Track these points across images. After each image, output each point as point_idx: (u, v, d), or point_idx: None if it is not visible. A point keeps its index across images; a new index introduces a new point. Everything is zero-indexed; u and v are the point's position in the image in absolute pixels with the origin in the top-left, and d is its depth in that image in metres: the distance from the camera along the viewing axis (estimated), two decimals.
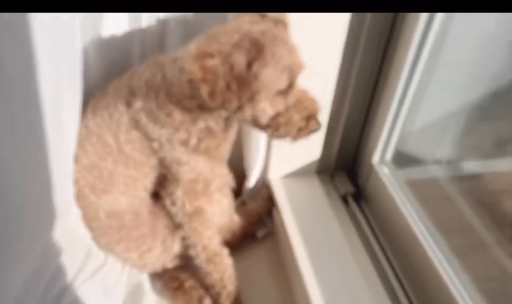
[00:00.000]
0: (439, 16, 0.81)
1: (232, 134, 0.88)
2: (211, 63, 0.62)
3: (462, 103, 1.03)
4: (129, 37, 0.89)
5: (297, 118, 0.74)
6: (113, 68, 0.89)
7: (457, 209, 0.98)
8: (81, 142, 0.82)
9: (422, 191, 0.97)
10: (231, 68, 0.62)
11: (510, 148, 1.07)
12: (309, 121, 0.75)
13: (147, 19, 0.88)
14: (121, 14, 0.84)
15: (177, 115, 0.77)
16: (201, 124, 0.78)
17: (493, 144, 1.10)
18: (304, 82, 0.90)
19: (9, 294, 0.61)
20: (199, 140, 0.80)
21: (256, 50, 0.64)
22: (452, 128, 1.08)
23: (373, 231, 0.99)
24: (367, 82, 0.97)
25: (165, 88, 0.76)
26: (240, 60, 0.63)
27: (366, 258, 0.92)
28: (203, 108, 0.75)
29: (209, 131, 0.80)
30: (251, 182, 1.09)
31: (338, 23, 0.85)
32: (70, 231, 0.80)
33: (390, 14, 0.87)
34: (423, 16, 0.81)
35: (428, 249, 0.81)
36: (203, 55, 0.63)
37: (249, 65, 0.63)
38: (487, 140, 1.09)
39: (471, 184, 1.09)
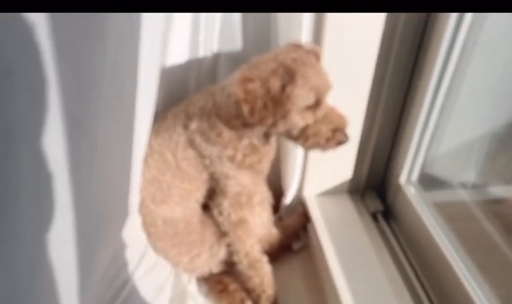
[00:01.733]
0: (460, 42, 0.89)
1: (271, 151, 0.99)
2: (251, 86, 0.75)
3: (486, 130, 1.08)
4: (186, 69, 1.03)
5: (324, 129, 0.83)
6: (172, 97, 1.04)
7: (483, 230, 1.01)
8: (145, 159, 0.95)
9: (449, 212, 1.02)
10: (268, 90, 0.76)
11: None
12: (336, 133, 0.84)
13: (203, 52, 1.02)
14: (181, 47, 0.99)
15: (226, 134, 0.89)
16: (245, 141, 0.91)
17: None
18: (337, 105, 1.01)
19: (94, 274, 0.73)
20: (244, 156, 0.92)
21: (289, 75, 0.77)
22: (476, 153, 1.13)
23: (401, 247, 1.05)
24: (394, 106, 1.05)
25: (216, 111, 0.89)
26: (275, 84, 0.76)
27: (395, 271, 0.98)
28: (246, 126, 0.87)
29: (252, 147, 0.92)
30: (288, 199, 1.19)
31: (367, 50, 0.95)
32: (134, 233, 0.92)
33: (417, 41, 0.95)
34: (445, 43, 0.89)
35: (454, 266, 0.86)
36: (245, 80, 0.76)
37: (283, 88, 0.76)
38: (510, 166, 1.13)
39: (496, 208, 1.11)
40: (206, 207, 1.06)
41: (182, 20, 0.95)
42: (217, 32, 1.02)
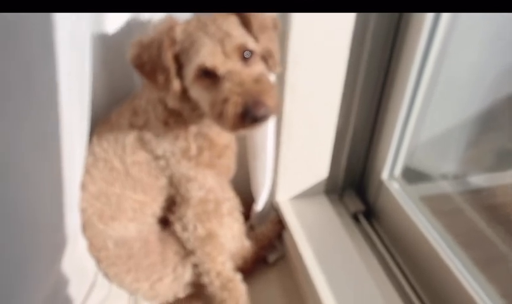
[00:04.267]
0: (440, 32, 0.83)
1: (231, 144, 0.89)
2: (135, 51, 0.71)
3: (463, 117, 1.05)
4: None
5: (234, 100, 0.66)
6: (116, 95, 0.89)
7: (472, 222, 0.98)
8: (88, 170, 0.81)
9: (436, 206, 0.97)
10: (149, 55, 0.71)
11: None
12: (248, 107, 0.66)
13: None
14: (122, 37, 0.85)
15: (172, 122, 0.79)
16: (193, 128, 0.81)
17: (495, 156, 1.11)
18: (308, 99, 0.92)
19: None
20: (200, 149, 0.81)
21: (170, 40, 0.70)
22: (454, 142, 1.10)
23: (386, 247, 0.98)
24: (371, 98, 0.98)
25: (160, 99, 0.78)
26: (154, 48, 0.70)
27: (382, 274, 0.92)
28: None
29: (204, 137, 0.81)
30: (259, 205, 1.08)
31: (341, 38, 0.87)
32: (76, 261, 0.77)
33: (392, 28, 0.89)
34: (425, 31, 0.83)
35: (446, 260, 0.81)
36: (132, 45, 0.72)
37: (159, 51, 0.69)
38: (490, 153, 1.10)
39: (480, 197, 1.09)
40: (165, 222, 0.92)
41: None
42: None
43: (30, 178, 0.56)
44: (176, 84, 0.69)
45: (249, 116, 0.64)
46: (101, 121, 0.85)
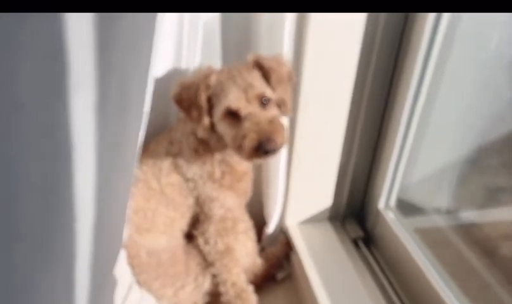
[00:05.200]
0: (428, 77, 0.95)
1: (249, 172, 1.04)
2: (177, 91, 0.89)
3: (453, 157, 1.14)
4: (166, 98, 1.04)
5: (251, 137, 0.81)
6: (154, 129, 1.02)
7: (461, 254, 1.05)
8: None
9: (429, 237, 1.05)
10: (188, 94, 0.87)
11: (501, 197, 1.16)
12: (262, 141, 0.81)
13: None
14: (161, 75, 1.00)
15: (201, 150, 0.95)
16: (218, 156, 0.96)
17: (485, 193, 1.17)
18: (316, 137, 1.06)
19: None
20: (223, 173, 0.96)
21: (204, 84, 0.86)
22: (446, 180, 1.18)
23: (383, 271, 1.07)
24: (371, 134, 1.11)
25: (192, 131, 0.94)
26: (192, 90, 0.86)
27: (378, 294, 1.00)
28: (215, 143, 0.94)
29: (227, 164, 0.96)
30: (271, 228, 1.20)
31: (343, 88, 1.01)
32: (120, 266, 0.90)
33: (391, 67, 1.02)
34: (414, 81, 0.96)
35: (437, 288, 0.88)
36: (175, 86, 0.89)
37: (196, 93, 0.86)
38: (480, 191, 1.17)
39: (470, 232, 1.14)
40: (190, 237, 1.05)
41: (164, 43, 0.96)
42: (198, 58, 1.04)
43: (117, 193, 0.68)
44: (206, 120, 0.86)
45: (262, 149, 0.81)
46: (142, 149, 0.99)
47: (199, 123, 0.87)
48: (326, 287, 1.00)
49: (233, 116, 0.84)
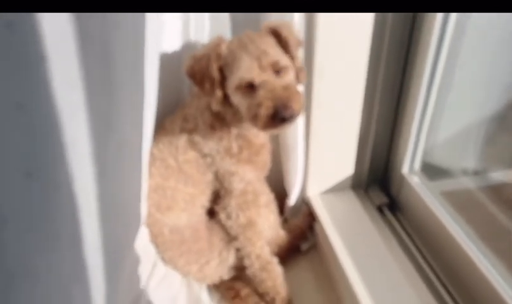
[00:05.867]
0: (449, 33, 0.91)
1: (266, 144, 1.01)
2: (189, 63, 0.86)
3: (480, 115, 1.10)
4: (179, 72, 1.02)
5: (267, 105, 0.78)
6: (167, 103, 1.01)
7: (492, 215, 1.02)
8: (148, 168, 0.95)
9: (456, 200, 1.02)
10: (200, 67, 0.85)
11: None
12: (278, 109, 0.78)
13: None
14: (173, 48, 0.98)
15: (217, 125, 0.92)
16: (234, 131, 0.93)
17: None
18: (334, 104, 1.03)
19: (119, 283, 0.70)
20: (240, 148, 0.94)
21: (216, 55, 0.83)
22: (473, 139, 1.14)
23: (409, 236, 1.05)
24: (391, 97, 1.07)
25: (207, 106, 0.91)
26: (203, 62, 0.84)
27: (406, 262, 0.98)
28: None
29: (244, 138, 0.94)
30: (292, 200, 1.18)
31: (361, 48, 0.97)
32: (143, 244, 0.91)
33: (406, 35, 0.98)
34: (435, 34, 0.91)
35: (468, 252, 0.86)
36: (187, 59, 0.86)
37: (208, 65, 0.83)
38: (509, 149, 1.13)
39: (500, 192, 1.11)
40: (212, 214, 1.05)
41: (172, 20, 0.95)
42: (206, 33, 1.02)
43: (123, 175, 0.68)
44: (219, 92, 0.83)
45: (278, 117, 0.78)
46: (158, 128, 0.97)
47: (213, 96, 0.84)
48: (352, 256, 0.99)
49: (247, 86, 0.81)
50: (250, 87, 0.81)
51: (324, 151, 1.12)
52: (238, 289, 1.03)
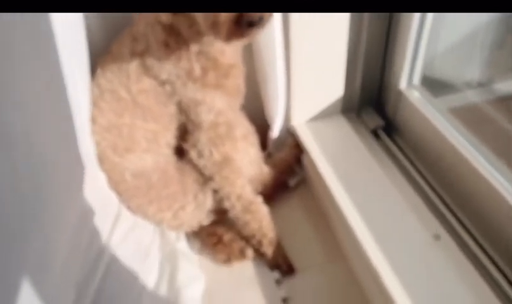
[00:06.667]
0: None
1: (239, 63, 0.86)
2: None
3: (486, 18, 0.98)
4: None
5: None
6: (114, 26, 0.87)
7: (504, 130, 0.96)
8: (95, 102, 0.81)
9: (464, 116, 0.93)
10: None
11: None
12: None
13: None
14: None
15: (172, 42, 0.76)
16: (194, 47, 0.77)
17: None
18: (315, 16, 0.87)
19: (55, 257, 0.59)
20: (204, 70, 0.78)
21: None
22: (477, 47, 1.03)
23: (408, 158, 0.95)
24: None
25: (157, 18, 0.74)
26: None
27: (405, 183, 0.90)
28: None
29: (207, 57, 0.78)
30: (275, 131, 1.06)
31: None
32: (99, 194, 0.78)
33: None
34: None
35: (479, 168, 0.77)
36: None
37: None
38: None
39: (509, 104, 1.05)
40: (181, 154, 0.92)
41: None
42: None
43: (41, 116, 0.56)
44: None
45: (244, 21, 0.59)
46: (104, 54, 0.83)
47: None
48: (346, 187, 0.89)
49: None
50: None
51: (308, 71, 0.98)
52: (220, 234, 0.92)
